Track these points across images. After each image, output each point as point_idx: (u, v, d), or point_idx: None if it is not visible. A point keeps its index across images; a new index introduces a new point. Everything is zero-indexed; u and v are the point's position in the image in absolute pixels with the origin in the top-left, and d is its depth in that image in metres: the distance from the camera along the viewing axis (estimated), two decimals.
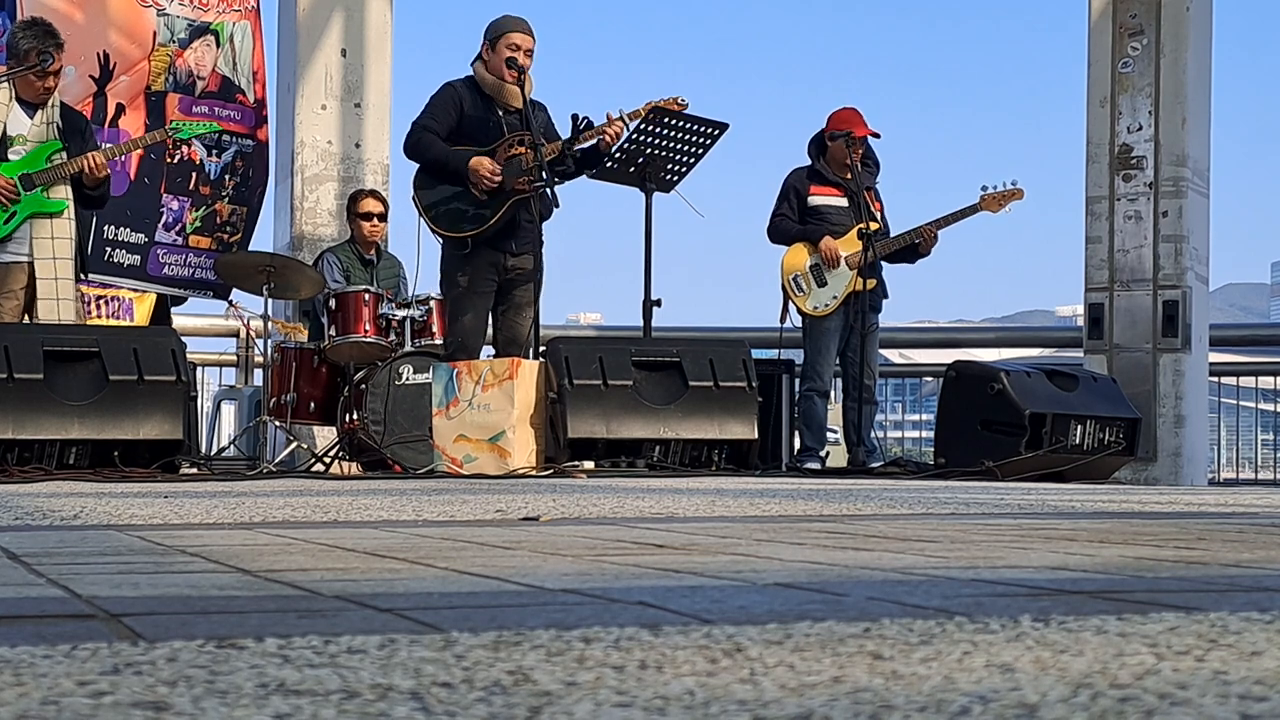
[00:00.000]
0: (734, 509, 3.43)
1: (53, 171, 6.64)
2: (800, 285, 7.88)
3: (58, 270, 6.64)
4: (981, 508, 3.59)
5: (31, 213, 6.62)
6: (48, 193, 6.64)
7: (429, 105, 7.06)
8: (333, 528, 2.74)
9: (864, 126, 7.81)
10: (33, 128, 6.68)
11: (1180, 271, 8.80)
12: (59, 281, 6.64)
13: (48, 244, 6.64)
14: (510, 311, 7.14)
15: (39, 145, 6.67)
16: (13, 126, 6.66)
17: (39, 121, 6.69)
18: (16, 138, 6.66)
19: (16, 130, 6.66)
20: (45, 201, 6.63)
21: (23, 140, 6.67)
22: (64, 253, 6.67)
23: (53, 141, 6.69)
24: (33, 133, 6.68)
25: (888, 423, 16.13)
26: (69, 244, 6.69)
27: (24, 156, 6.63)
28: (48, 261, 6.63)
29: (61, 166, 6.65)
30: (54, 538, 2.43)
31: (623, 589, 1.52)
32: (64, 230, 6.68)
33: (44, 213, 6.64)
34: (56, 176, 6.65)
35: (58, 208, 6.66)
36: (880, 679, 0.95)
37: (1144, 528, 2.69)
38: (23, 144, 6.66)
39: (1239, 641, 1.10)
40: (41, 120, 6.70)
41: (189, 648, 1.05)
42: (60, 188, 6.67)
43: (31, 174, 6.61)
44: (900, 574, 1.69)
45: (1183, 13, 8.84)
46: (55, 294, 6.62)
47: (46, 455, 5.84)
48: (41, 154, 6.66)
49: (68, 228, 6.69)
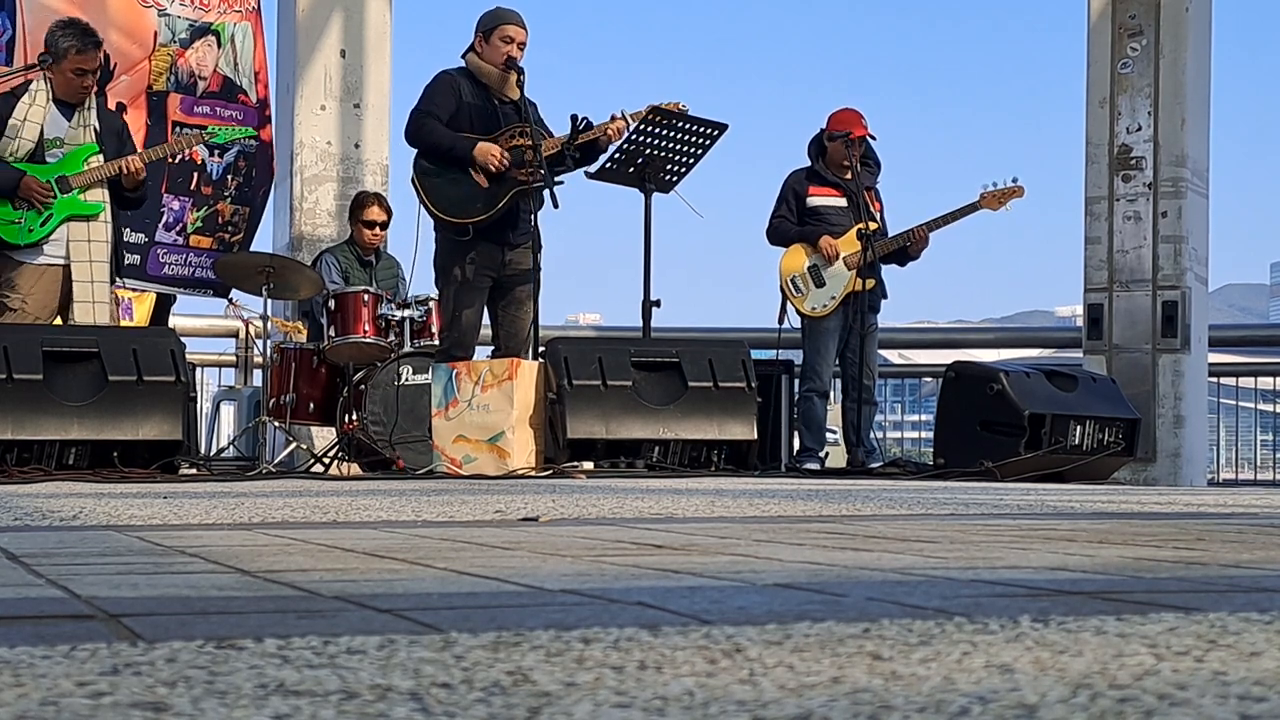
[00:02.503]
0: (733, 509, 3.43)
1: (89, 174, 6.66)
2: (798, 286, 7.88)
3: (94, 273, 6.66)
4: (981, 508, 3.59)
5: (68, 215, 6.63)
6: (84, 195, 6.65)
7: (427, 93, 7.01)
8: (332, 528, 2.74)
9: (862, 127, 7.81)
10: (70, 130, 6.70)
11: (1179, 272, 8.80)
12: (95, 284, 6.65)
13: (84, 246, 6.65)
14: (510, 307, 7.10)
15: (76, 148, 6.68)
16: (50, 129, 6.67)
17: (76, 124, 6.71)
18: (54, 140, 6.67)
19: (54, 133, 6.68)
20: (81, 204, 6.64)
21: (60, 143, 6.68)
22: (100, 255, 6.68)
23: (89, 144, 6.70)
24: (70, 135, 6.70)
25: (887, 423, 16.12)
26: (105, 247, 6.70)
27: (61, 159, 6.65)
28: (84, 264, 6.65)
29: (98, 169, 6.67)
30: (53, 538, 2.43)
31: (622, 589, 1.52)
32: (100, 233, 6.69)
33: (80, 215, 6.65)
34: (93, 179, 6.66)
35: (94, 210, 6.66)
36: (880, 679, 0.95)
37: (1143, 528, 2.69)
38: (60, 146, 6.68)
39: (1238, 642, 1.10)
40: (79, 123, 6.71)
41: (188, 648, 1.05)
42: (97, 190, 6.69)
43: (68, 176, 6.62)
44: (899, 574, 1.69)
45: (1182, 13, 8.84)
46: (91, 297, 6.63)
47: (46, 456, 5.84)
48: (79, 156, 6.67)
49: (104, 230, 6.70)
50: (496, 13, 7.03)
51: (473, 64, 7.03)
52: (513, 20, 7.00)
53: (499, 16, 7.01)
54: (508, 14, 7.02)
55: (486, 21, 7.03)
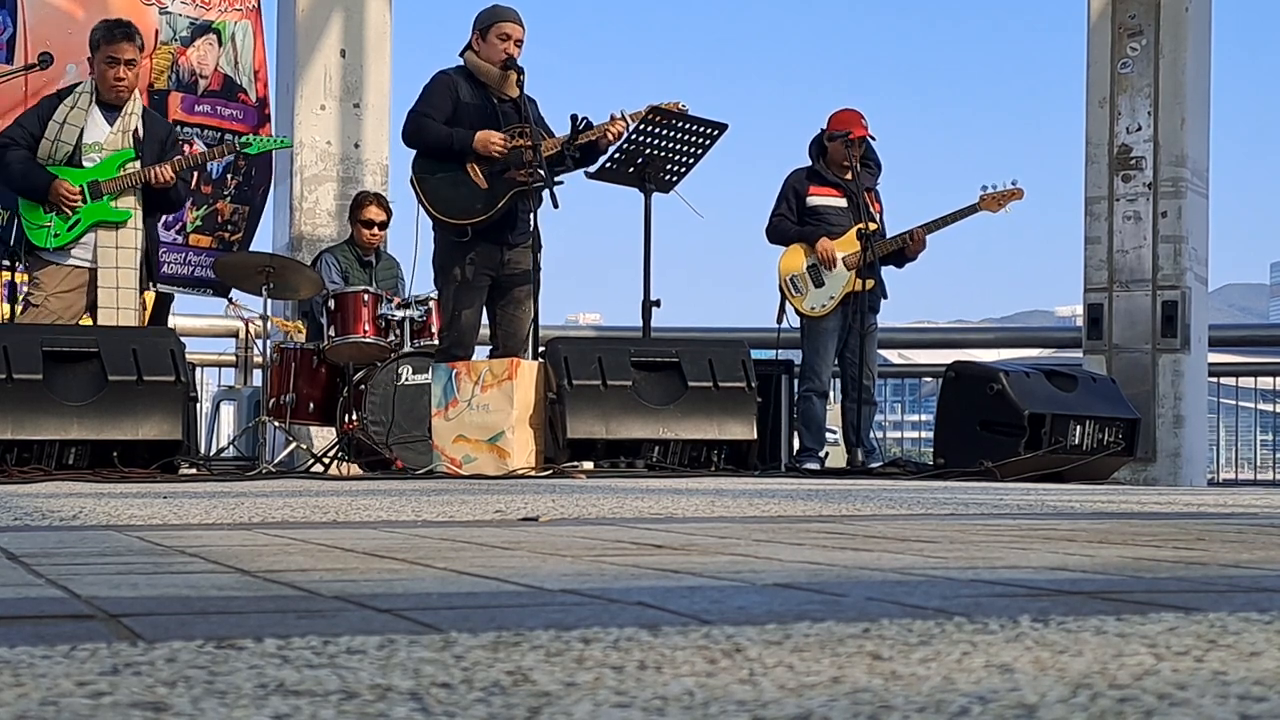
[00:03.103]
0: (733, 509, 3.43)
1: (121, 180, 6.65)
2: (797, 286, 7.89)
3: (120, 279, 6.64)
4: (981, 508, 3.59)
5: (96, 221, 6.63)
6: (115, 202, 6.64)
7: (424, 94, 6.99)
8: (332, 528, 2.74)
9: (862, 128, 7.82)
10: (110, 135, 6.69)
11: (1179, 272, 8.81)
12: (120, 291, 6.64)
13: (111, 253, 6.64)
14: (510, 307, 7.08)
15: (113, 154, 6.68)
16: (90, 133, 6.67)
17: (117, 130, 6.70)
18: (93, 144, 6.67)
19: (93, 138, 6.67)
20: (111, 210, 6.63)
21: (98, 148, 6.68)
22: (127, 262, 6.67)
23: (126, 150, 6.70)
24: (109, 141, 6.69)
25: (887, 423, 16.12)
26: (134, 254, 6.69)
27: (97, 164, 6.66)
28: (110, 270, 6.64)
29: (130, 176, 6.65)
30: (53, 538, 2.43)
31: (622, 589, 1.52)
32: (129, 240, 6.68)
33: (109, 222, 6.64)
34: (125, 185, 6.65)
35: (122, 217, 6.65)
36: (879, 679, 0.95)
37: (1143, 528, 2.69)
38: (98, 151, 6.67)
39: (1238, 642, 1.10)
40: (120, 128, 6.71)
41: (188, 648, 1.05)
42: (128, 197, 6.68)
43: (100, 182, 6.63)
44: (899, 574, 1.69)
45: (1182, 13, 8.84)
46: (115, 303, 6.62)
47: (46, 455, 5.84)
48: (114, 163, 6.68)
49: (133, 237, 6.69)
50: (493, 10, 7.01)
51: (471, 62, 7.01)
52: (509, 17, 6.97)
53: (495, 14, 6.98)
54: (504, 11, 7.00)
55: (483, 19, 7.02)
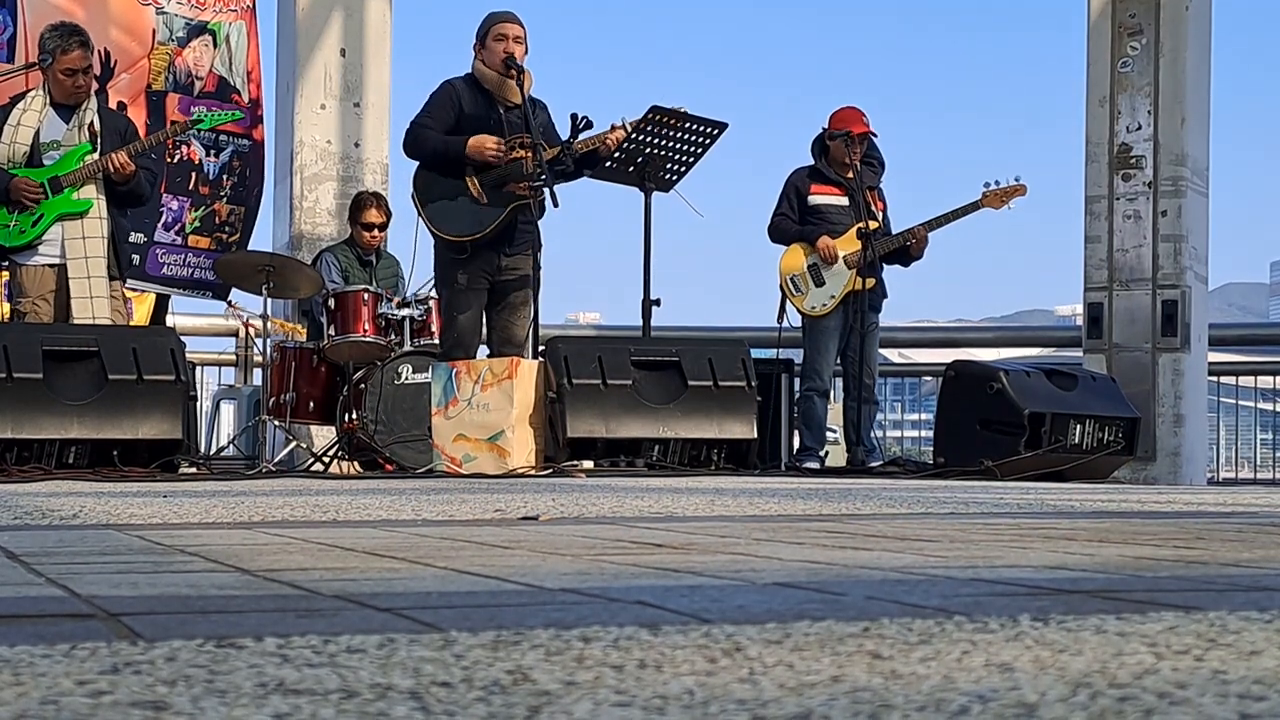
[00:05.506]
0: (733, 508, 3.43)
1: (81, 171, 6.68)
2: (798, 285, 7.88)
3: (90, 269, 6.67)
4: (980, 507, 3.59)
5: (59, 214, 6.65)
6: (76, 193, 6.67)
7: (427, 104, 7.04)
8: (332, 527, 2.74)
9: (862, 125, 7.82)
10: (66, 133, 6.74)
11: (1179, 271, 8.80)
12: (92, 280, 6.66)
13: (79, 244, 6.66)
14: (505, 312, 7.09)
15: (71, 149, 6.72)
16: (47, 132, 6.71)
17: (73, 125, 6.75)
18: (51, 143, 6.71)
19: (51, 136, 6.72)
20: (71, 201, 6.66)
21: (57, 145, 6.72)
22: (96, 251, 6.69)
23: (84, 144, 6.73)
24: (66, 137, 6.74)
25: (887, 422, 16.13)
26: (101, 242, 6.71)
27: (57, 160, 6.69)
28: (79, 261, 6.66)
29: (89, 166, 6.68)
30: (53, 537, 2.43)
31: (622, 588, 1.52)
32: (94, 229, 6.70)
33: (71, 213, 6.66)
34: (84, 176, 6.68)
35: (84, 206, 6.68)
36: (879, 678, 0.95)
37: (1143, 527, 2.69)
38: (57, 149, 6.72)
39: (1238, 641, 1.10)
40: (76, 124, 6.75)
41: (188, 647, 1.05)
42: (88, 187, 6.70)
43: (60, 176, 6.66)
44: (899, 573, 1.69)
45: (1182, 12, 8.84)
46: (89, 292, 6.64)
47: (45, 455, 5.84)
48: (73, 157, 6.72)
49: (98, 226, 6.71)
50: (490, 15, 7.08)
51: (477, 71, 7.06)
52: (506, 18, 7.01)
53: (492, 17, 7.05)
54: (501, 13, 7.05)
55: (482, 25, 7.08)
